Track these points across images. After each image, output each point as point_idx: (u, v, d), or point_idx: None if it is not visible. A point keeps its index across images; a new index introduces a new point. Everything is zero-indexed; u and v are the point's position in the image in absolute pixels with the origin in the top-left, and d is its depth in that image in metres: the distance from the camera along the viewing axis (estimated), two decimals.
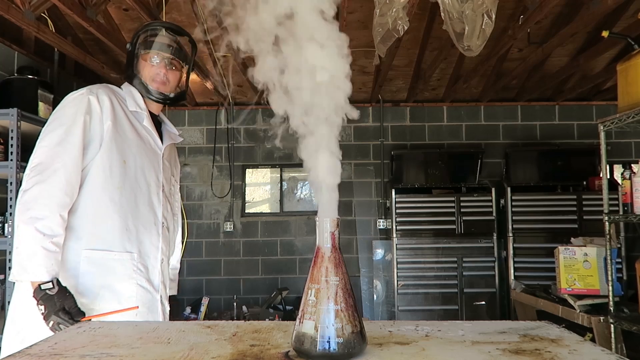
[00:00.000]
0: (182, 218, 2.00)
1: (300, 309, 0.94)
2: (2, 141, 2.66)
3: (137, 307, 1.52)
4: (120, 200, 1.52)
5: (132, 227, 1.54)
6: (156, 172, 1.65)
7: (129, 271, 1.53)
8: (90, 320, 1.33)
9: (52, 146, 1.43)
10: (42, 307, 1.33)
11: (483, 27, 2.41)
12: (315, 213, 0.95)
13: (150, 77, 1.66)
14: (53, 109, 3.07)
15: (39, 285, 1.34)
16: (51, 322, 1.31)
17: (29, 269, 1.35)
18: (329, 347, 0.88)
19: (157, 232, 1.62)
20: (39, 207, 1.39)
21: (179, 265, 1.92)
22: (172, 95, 1.69)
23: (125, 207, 1.53)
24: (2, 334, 2.43)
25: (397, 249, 4.66)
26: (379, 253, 5.08)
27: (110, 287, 1.50)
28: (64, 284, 1.38)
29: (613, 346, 2.59)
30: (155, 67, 1.65)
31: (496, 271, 4.65)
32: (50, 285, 1.34)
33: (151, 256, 1.59)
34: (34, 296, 1.35)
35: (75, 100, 1.51)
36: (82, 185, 1.49)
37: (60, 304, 1.33)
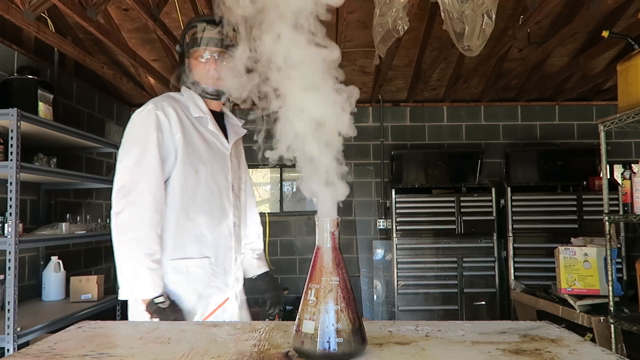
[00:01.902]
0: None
1: (300, 309, 0.94)
2: (2, 141, 2.65)
3: (228, 298, 1.61)
4: (195, 209, 1.57)
5: (207, 233, 1.58)
6: (225, 173, 1.66)
7: (208, 275, 1.58)
8: None
9: (132, 167, 1.48)
10: (157, 320, 1.42)
11: (483, 27, 2.41)
12: (315, 213, 0.95)
13: (202, 75, 1.63)
14: (53, 109, 3.10)
15: (152, 299, 1.42)
16: None
17: (135, 288, 1.44)
18: (329, 347, 0.88)
19: (230, 232, 1.65)
20: (134, 229, 1.44)
21: (262, 246, 1.94)
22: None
23: (200, 215, 1.57)
24: (2, 333, 2.44)
25: (397, 249, 4.66)
26: (379, 253, 5.08)
27: (196, 292, 1.56)
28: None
29: (613, 346, 2.59)
30: (205, 64, 1.61)
31: (496, 271, 4.65)
32: (162, 299, 1.43)
33: (226, 257, 1.63)
34: (147, 310, 1.44)
35: (144, 118, 1.53)
36: (166, 197, 1.54)
37: (173, 316, 1.42)
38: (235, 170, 1.73)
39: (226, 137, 1.70)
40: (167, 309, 1.43)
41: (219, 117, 1.72)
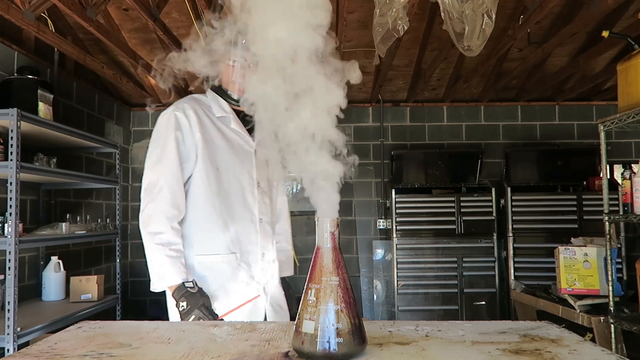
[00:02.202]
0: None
1: (300, 309, 0.94)
2: (2, 141, 2.65)
3: (259, 295, 1.65)
4: (220, 205, 1.61)
5: (232, 229, 1.63)
6: (249, 171, 1.68)
7: (235, 270, 1.63)
8: (221, 319, 1.49)
9: (153, 166, 1.57)
10: (184, 304, 1.46)
11: (483, 27, 2.41)
12: (315, 213, 0.95)
13: (227, 81, 1.65)
14: (53, 109, 3.09)
15: (183, 283, 1.49)
16: (192, 317, 1.44)
17: (163, 276, 1.51)
18: (329, 347, 0.88)
19: (255, 229, 1.67)
20: (154, 223, 1.54)
21: (290, 247, 1.94)
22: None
23: (224, 211, 1.62)
24: (2, 333, 2.44)
25: (397, 249, 4.66)
26: (379, 253, 5.08)
27: (222, 287, 1.61)
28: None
29: (613, 346, 2.59)
30: (235, 71, 1.62)
31: (496, 271, 4.65)
32: (191, 284, 1.50)
33: (252, 252, 1.66)
34: (173, 296, 1.50)
35: (164, 119, 1.61)
36: (187, 196, 1.62)
37: (202, 300, 1.47)
38: (264, 167, 1.73)
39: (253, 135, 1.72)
40: (197, 293, 1.48)
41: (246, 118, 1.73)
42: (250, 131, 1.71)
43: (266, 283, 1.70)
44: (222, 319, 1.49)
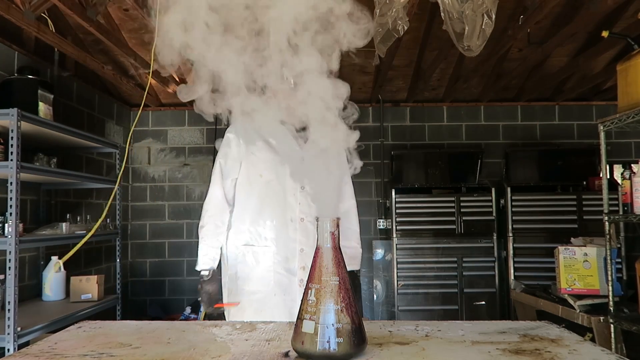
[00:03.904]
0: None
1: (300, 309, 0.94)
2: (2, 141, 2.65)
3: (238, 303, 1.89)
4: (261, 205, 1.90)
5: (269, 226, 1.89)
6: (292, 176, 1.90)
7: (269, 261, 1.88)
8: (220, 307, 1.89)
9: (211, 179, 1.99)
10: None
11: (483, 27, 2.41)
12: None
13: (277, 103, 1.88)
14: (53, 109, 3.10)
15: (199, 271, 1.90)
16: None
17: (198, 262, 1.91)
18: (329, 347, 0.89)
19: (294, 227, 1.89)
20: (204, 224, 1.94)
21: (356, 244, 2.09)
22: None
23: (264, 210, 1.90)
24: (2, 333, 2.45)
25: (397, 249, 4.66)
26: (379, 253, 5.08)
27: (256, 273, 1.88)
28: (229, 273, 1.93)
29: (613, 346, 2.59)
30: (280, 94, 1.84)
31: (496, 271, 4.65)
32: (206, 272, 1.89)
33: (288, 248, 1.88)
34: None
35: (223, 139, 1.98)
36: (236, 196, 1.96)
37: (207, 286, 1.87)
38: (312, 171, 1.83)
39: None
40: (205, 280, 1.86)
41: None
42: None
43: (304, 275, 1.84)
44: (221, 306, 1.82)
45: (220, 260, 1.97)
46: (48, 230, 3.10)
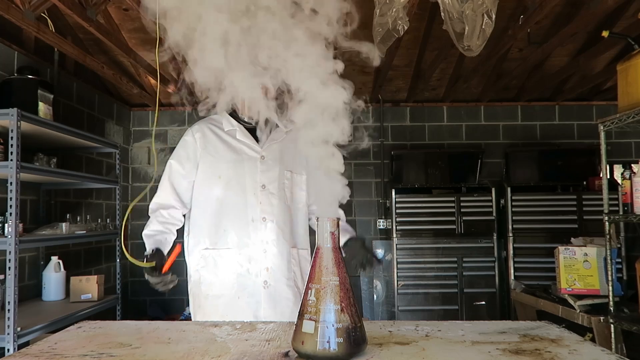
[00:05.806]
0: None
1: (300, 309, 0.94)
2: (2, 141, 2.65)
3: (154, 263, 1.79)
4: (219, 207, 1.84)
5: (229, 228, 1.83)
6: (252, 175, 1.86)
7: (229, 263, 1.83)
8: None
9: (163, 177, 1.92)
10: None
11: (483, 27, 2.41)
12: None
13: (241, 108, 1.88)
14: (53, 109, 3.10)
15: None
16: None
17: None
18: (329, 347, 0.89)
19: (256, 227, 1.84)
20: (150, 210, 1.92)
21: (345, 225, 2.09)
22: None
23: (224, 211, 1.84)
24: (2, 333, 2.45)
25: (397, 249, 4.66)
26: (379, 253, 5.08)
27: (219, 277, 1.83)
28: (192, 279, 1.87)
29: (613, 346, 2.59)
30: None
31: (496, 271, 4.65)
32: (148, 251, 1.79)
33: (251, 249, 1.83)
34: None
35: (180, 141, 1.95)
36: (193, 199, 1.90)
37: (153, 258, 1.74)
38: (271, 171, 1.90)
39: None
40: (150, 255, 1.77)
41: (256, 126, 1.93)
42: (258, 140, 1.91)
43: (268, 276, 1.83)
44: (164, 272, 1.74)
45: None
46: (48, 230, 3.10)
